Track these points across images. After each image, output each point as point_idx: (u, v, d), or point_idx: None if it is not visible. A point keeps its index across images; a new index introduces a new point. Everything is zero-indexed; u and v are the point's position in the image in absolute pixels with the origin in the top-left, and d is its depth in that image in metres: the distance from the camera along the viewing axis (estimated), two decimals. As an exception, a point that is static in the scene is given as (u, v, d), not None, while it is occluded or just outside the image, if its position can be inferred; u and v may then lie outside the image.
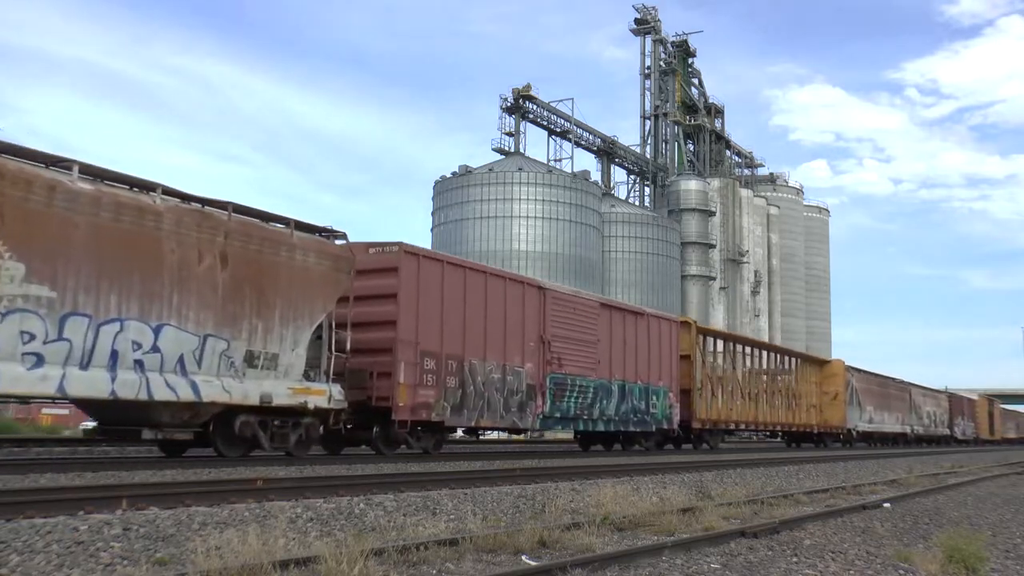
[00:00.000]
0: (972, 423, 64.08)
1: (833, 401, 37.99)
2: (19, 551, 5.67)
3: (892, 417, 45.82)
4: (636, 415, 22.42)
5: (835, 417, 37.96)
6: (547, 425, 19.74)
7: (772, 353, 35.05)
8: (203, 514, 7.17)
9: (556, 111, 72.86)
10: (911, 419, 49.04)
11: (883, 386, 45.08)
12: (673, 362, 24.51)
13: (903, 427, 47.67)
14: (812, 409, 36.59)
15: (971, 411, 64.92)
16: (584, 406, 20.45)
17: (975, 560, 6.97)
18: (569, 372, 19.88)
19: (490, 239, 61.68)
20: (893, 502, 12.33)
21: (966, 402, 64.01)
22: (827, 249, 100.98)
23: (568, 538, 7.38)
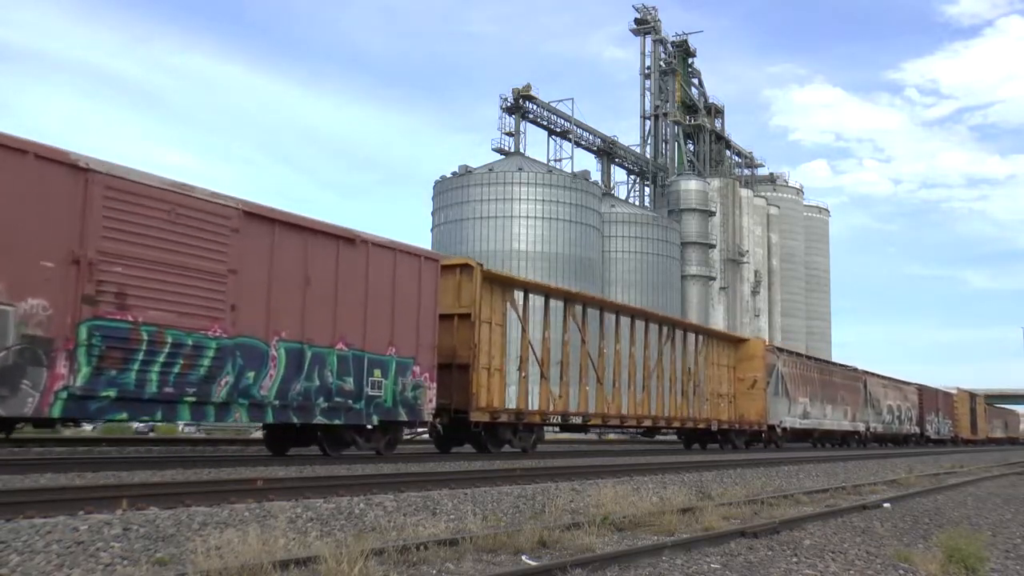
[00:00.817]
0: (949, 420, 57.84)
1: (750, 390, 30.57)
2: (19, 551, 5.67)
3: (838, 412, 38.74)
4: (334, 399, 14.23)
5: (752, 410, 30.51)
6: (84, 410, 10.92)
7: (654, 324, 26.07)
8: (203, 514, 7.17)
9: (556, 111, 72.86)
10: (865, 414, 42.21)
11: (825, 373, 38.40)
12: (424, 321, 16.09)
13: (854, 424, 40.57)
14: (721, 400, 29.42)
15: (948, 407, 58.36)
16: (187, 380, 11.90)
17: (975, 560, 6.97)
18: (147, 320, 11.40)
19: (490, 239, 61.65)
20: (893, 502, 12.33)
21: (941, 396, 57.19)
22: (827, 249, 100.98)
23: (568, 538, 7.38)
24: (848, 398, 40.28)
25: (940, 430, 55.07)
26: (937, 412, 54.88)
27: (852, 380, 41.37)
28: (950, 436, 57.35)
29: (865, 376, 43.13)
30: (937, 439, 54.27)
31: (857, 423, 41.05)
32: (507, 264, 54.33)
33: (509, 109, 70.11)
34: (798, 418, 34.03)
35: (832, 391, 38.48)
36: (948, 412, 57.58)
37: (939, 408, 55.50)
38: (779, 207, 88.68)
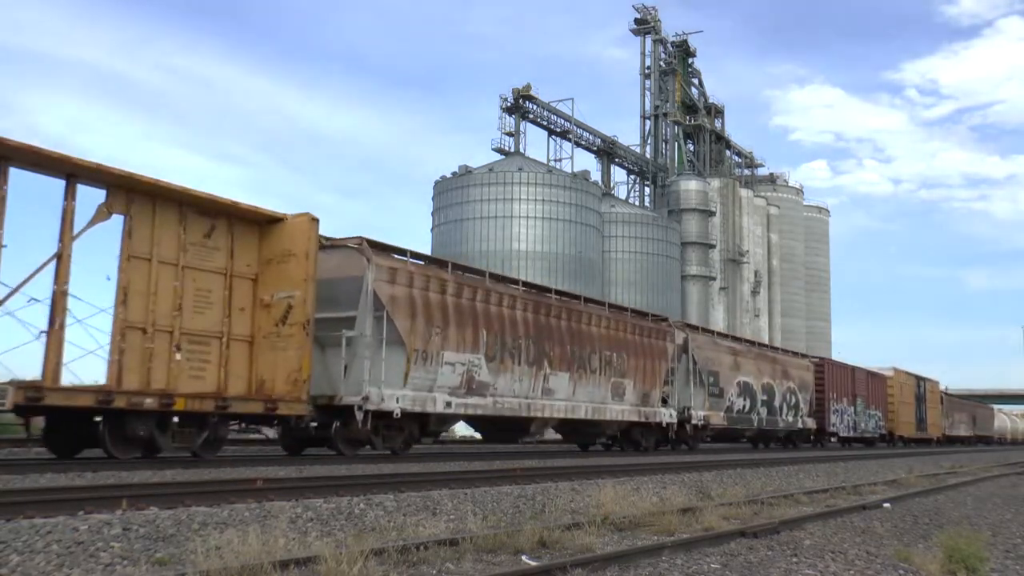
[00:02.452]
0: (879, 411, 43.28)
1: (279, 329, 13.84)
2: (19, 551, 5.67)
3: (589, 387, 20.98)
4: None
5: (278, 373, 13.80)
6: None
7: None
8: (203, 514, 7.17)
9: (556, 111, 72.84)
10: (686, 395, 25.75)
11: (551, 314, 19.93)
12: None
13: (639, 409, 22.92)
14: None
15: (876, 394, 43.08)
16: None
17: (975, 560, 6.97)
18: None
19: (490, 239, 61.63)
20: (893, 502, 12.33)
21: (863, 378, 41.43)
22: (827, 249, 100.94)
23: (568, 538, 7.38)
24: (625, 366, 22.45)
25: (859, 425, 40.08)
26: (852, 400, 39.55)
27: (644, 336, 23.70)
28: (878, 434, 43.06)
29: (685, 332, 26.50)
30: (853, 437, 40.16)
31: (647, 408, 23.32)
32: (507, 264, 54.31)
33: (509, 109, 70.10)
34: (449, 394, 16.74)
35: (581, 350, 20.74)
36: (876, 401, 43.10)
37: (856, 394, 40.05)
38: (779, 207, 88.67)
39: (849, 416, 39.30)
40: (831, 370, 38.38)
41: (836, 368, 39.59)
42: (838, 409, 38.07)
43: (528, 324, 18.93)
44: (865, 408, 41.55)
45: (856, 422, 40.10)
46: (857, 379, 41.05)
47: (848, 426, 39.20)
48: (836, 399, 37.94)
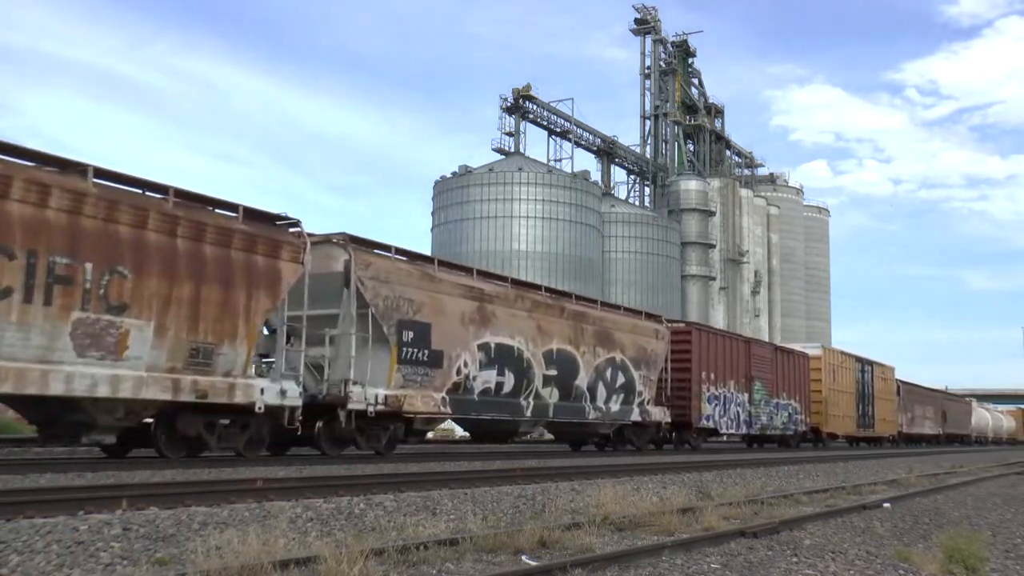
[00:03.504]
0: (797, 402, 32.52)
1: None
2: (19, 551, 5.67)
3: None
4: None
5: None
6: None
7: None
8: (203, 514, 7.17)
9: (556, 111, 72.87)
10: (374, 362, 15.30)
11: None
12: None
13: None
14: None
15: (790, 378, 31.99)
16: None
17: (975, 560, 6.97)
18: None
19: (490, 239, 61.65)
20: (893, 502, 12.33)
21: (761, 355, 30.20)
22: (827, 249, 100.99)
23: (568, 538, 7.38)
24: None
25: (758, 418, 29.24)
26: (745, 384, 28.42)
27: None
28: (794, 430, 32.61)
29: (348, 249, 15.32)
30: (750, 436, 30.71)
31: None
32: (507, 264, 54.34)
33: (509, 109, 70.13)
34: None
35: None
36: (791, 388, 32.08)
37: (752, 377, 28.90)
38: (779, 207, 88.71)
39: (739, 407, 27.97)
40: (705, 341, 26.52)
41: (714, 339, 27.51)
42: (717, 396, 26.60)
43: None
44: (768, 397, 30.11)
45: (753, 415, 28.91)
46: (754, 356, 29.42)
47: (737, 420, 27.90)
48: (715, 382, 26.45)
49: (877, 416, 42.54)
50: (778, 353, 32.59)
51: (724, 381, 27.46)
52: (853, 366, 39.92)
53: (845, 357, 39.54)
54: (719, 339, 28.31)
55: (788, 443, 33.50)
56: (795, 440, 33.87)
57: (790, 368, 32.64)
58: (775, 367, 31.32)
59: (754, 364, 29.56)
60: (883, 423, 43.59)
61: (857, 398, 39.93)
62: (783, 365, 32.14)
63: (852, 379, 39.45)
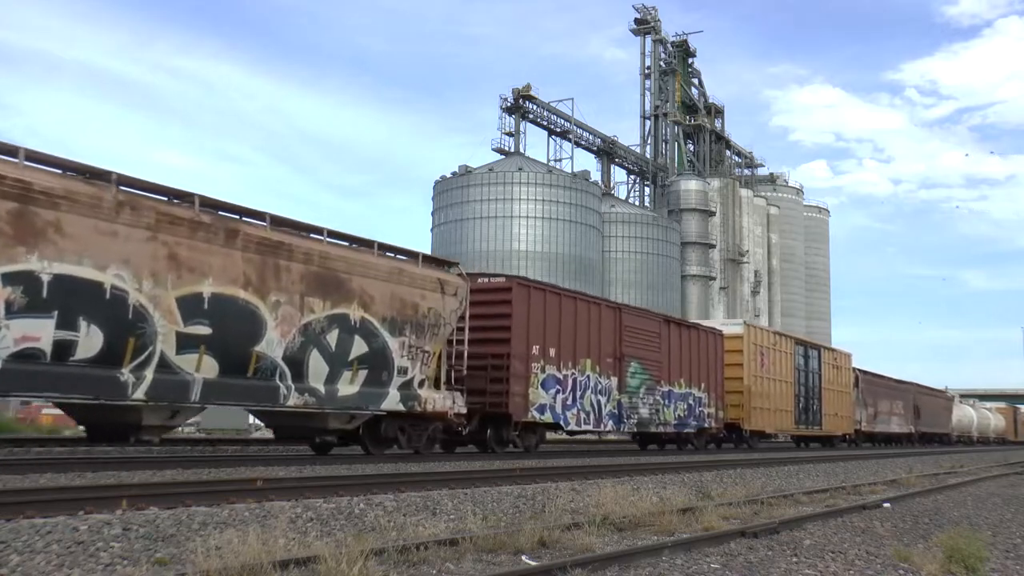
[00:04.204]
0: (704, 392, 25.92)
1: None
2: (19, 551, 5.67)
3: None
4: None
5: None
6: None
7: None
8: (203, 514, 7.17)
9: (556, 111, 72.88)
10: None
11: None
12: None
13: None
14: None
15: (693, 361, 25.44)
16: None
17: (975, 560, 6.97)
18: None
19: (490, 239, 61.68)
20: (893, 502, 12.33)
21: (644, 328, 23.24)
22: (827, 249, 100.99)
23: (568, 538, 7.38)
24: None
25: (634, 411, 22.38)
26: (614, 366, 21.71)
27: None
28: (698, 427, 25.72)
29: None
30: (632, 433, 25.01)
31: None
32: (507, 264, 54.36)
33: (509, 109, 70.14)
34: None
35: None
36: (694, 373, 25.48)
37: (623, 356, 22.08)
38: (779, 207, 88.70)
39: (601, 395, 21.05)
40: (538, 303, 19.15)
41: (555, 300, 19.80)
42: (561, 380, 19.62)
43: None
44: (653, 383, 23.23)
45: (626, 406, 21.84)
46: (629, 329, 22.29)
47: (597, 412, 20.84)
48: (556, 360, 19.45)
49: (826, 411, 35.65)
50: (671, 327, 24.85)
51: (574, 359, 20.15)
52: (790, 349, 32.63)
53: (779, 338, 32.54)
54: (565, 301, 20.20)
55: (690, 443, 26.45)
56: (702, 440, 26.86)
57: (693, 348, 25.58)
58: (666, 345, 24.09)
59: (628, 339, 22.29)
60: (834, 419, 36.73)
61: (796, 388, 32.70)
62: (681, 344, 24.97)
63: (789, 365, 32.09)
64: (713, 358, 26.80)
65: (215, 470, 11.46)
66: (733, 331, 28.73)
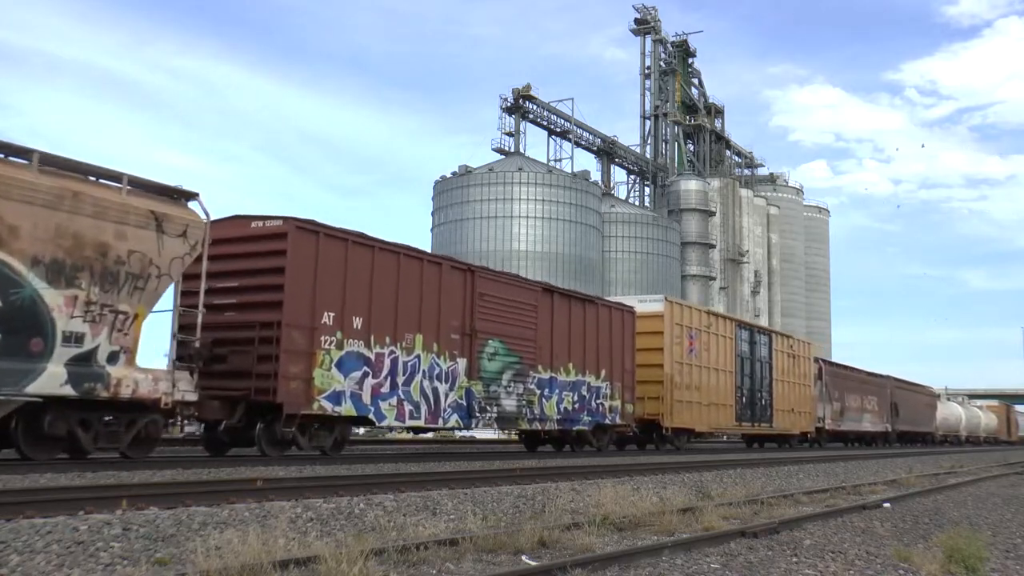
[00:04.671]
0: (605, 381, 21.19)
1: None
2: (19, 551, 5.67)
3: None
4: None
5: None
6: None
7: None
8: (203, 514, 7.17)
9: (556, 111, 72.89)
10: None
11: None
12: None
13: None
14: None
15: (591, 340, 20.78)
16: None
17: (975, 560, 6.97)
18: None
19: (490, 239, 61.69)
20: (893, 502, 12.33)
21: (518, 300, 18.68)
22: (827, 249, 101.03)
23: (568, 538, 7.38)
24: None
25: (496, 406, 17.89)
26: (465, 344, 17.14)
27: None
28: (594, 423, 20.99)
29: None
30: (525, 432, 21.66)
31: None
32: (507, 264, 54.37)
33: (509, 109, 70.15)
34: None
35: None
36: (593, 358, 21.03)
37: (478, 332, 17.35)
38: (779, 207, 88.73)
39: (439, 381, 16.55)
40: (329, 253, 14.69)
41: (359, 253, 15.23)
42: (370, 359, 15.20)
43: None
44: (522, 368, 18.50)
45: (479, 396, 17.31)
46: (486, 297, 17.69)
47: (433, 403, 16.35)
48: (361, 334, 15.09)
49: (778, 406, 31.11)
50: (556, 300, 19.82)
51: (396, 334, 15.49)
52: (730, 333, 28.10)
53: (715, 319, 27.69)
54: (382, 257, 15.45)
55: (587, 442, 21.39)
56: (604, 439, 22.01)
57: (590, 327, 20.78)
58: (547, 322, 19.26)
59: (486, 311, 17.46)
60: (789, 416, 32.22)
61: (739, 379, 28.36)
62: (571, 321, 20.15)
63: (728, 352, 27.74)
64: (620, 340, 22.08)
65: (215, 470, 11.46)
66: (650, 308, 24.25)
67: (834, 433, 38.44)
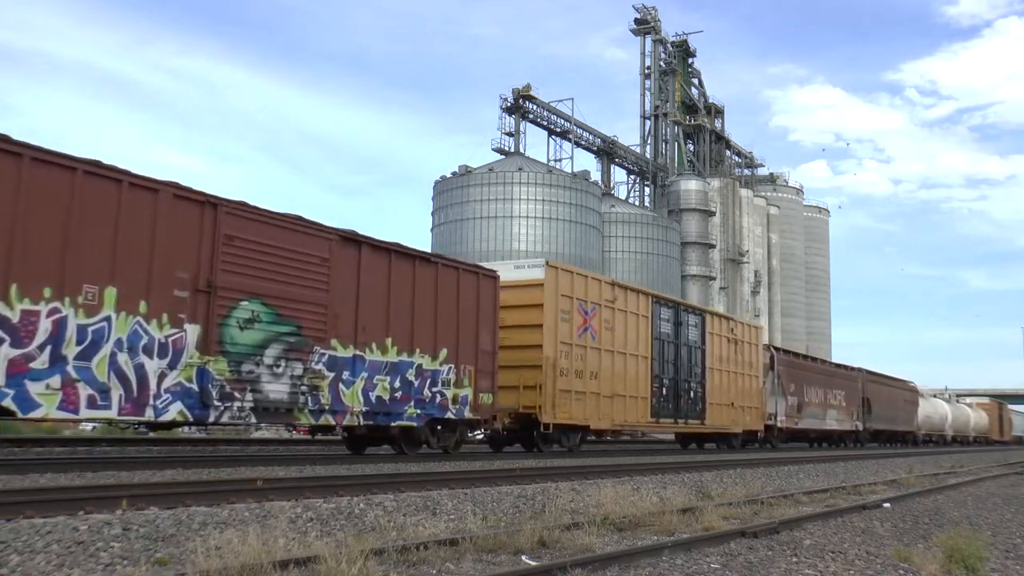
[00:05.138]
0: (436, 360, 15.99)
1: None
2: (19, 551, 5.67)
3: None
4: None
5: None
6: None
7: None
8: (203, 514, 7.17)
9: (556, 111, 72.88)
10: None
11: None
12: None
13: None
14: None
15: (407, 305, 15.51)
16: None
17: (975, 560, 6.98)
18: None
19: (490, 239, 61.66)
20: (893, 502, 12.33)
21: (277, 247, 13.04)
22: (827, 249, 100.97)
23: (568, 538, 7.38)
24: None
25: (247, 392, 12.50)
26: (207, 304, 12.00)
27: None
28: (425, 416, 15.88)
29: None
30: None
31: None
32: (507, 264, 54.29)
33: (509, 109, 70.14)
34: None
35: None
36: (432, 331, 16.13)
37: (219, 289, 12.12)
38: (779, 207, 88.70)
39: (136, 355, 11.10)
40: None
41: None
42: (8, 323, 9.78)
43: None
44: (305, 342, 13.68)
45: (211, 377, 12.00)
46: (233, 241, 12.57)
47: (136, 385, 11.05)
48: (12, 286, 9.83)
49: (712, 399, 26.27)
50: (366, 254, 15.08)
51: (64, 283, 10.62)
52: (643, 309, 23.06)
53: (621, 291, 22.30)
54: (32, 169, 10.28)
55: (419, 441, 16.66)
56: (449, 439, 17.28)
57: (425, 294, 16.13)
58: (349, 281, 14.61)
59: (239, 260, 12.74)
60: (728, 411, 27.30)
61: (659, 367, 23.56)
62: (392, 284, 15.45)
63: (642, 332, 22.87)
64: (473, 313, 17.29)
65: (215, 470, 11.46)
66: (525, 275, 19.47)
67: (791, 432, 33.63)
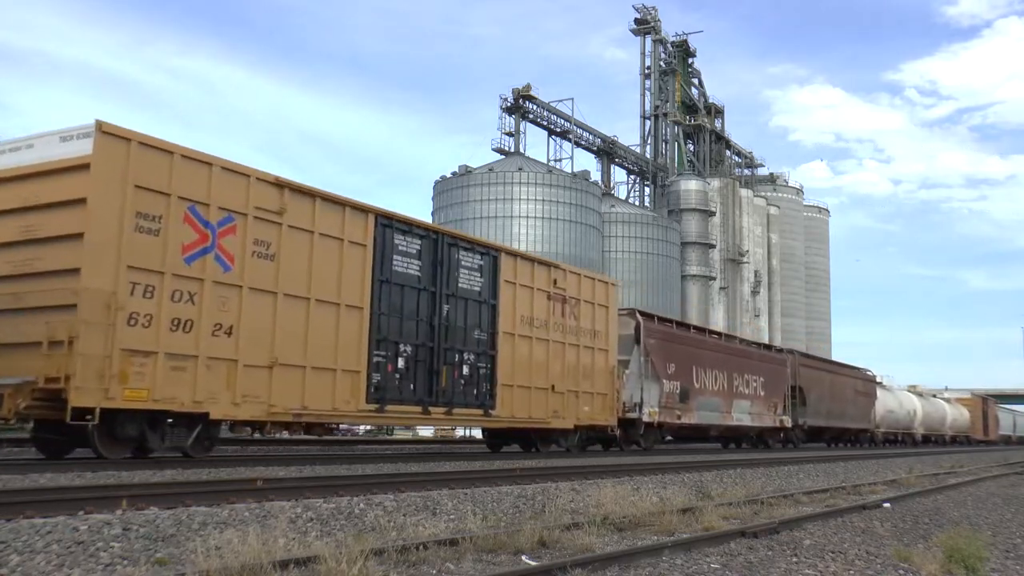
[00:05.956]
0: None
1: None
2: (19, 551, 5.67)
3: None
4: None
5: None
6: None
7: None
8: (203, 514, 7.17)
9: (556, 111, 72.85)
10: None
11: None
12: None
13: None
14: None
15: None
16: None
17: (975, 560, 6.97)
18: None
19: (490, 239, 61.59)
20: (893, 502, 12.33)
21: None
22: (827, 249, 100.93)
23: (568, 538, 7.38)
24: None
25: None
26: None
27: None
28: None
29: None
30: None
31: None
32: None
33: (509, 109, 70.11)
34: None
35: None
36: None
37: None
38: (779, 207, 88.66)
39: None
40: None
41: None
42: None
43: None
44: None
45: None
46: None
47: None
48: None
49: (508, 380, 17.88)
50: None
51: None
52: (356, 234, 15.10)
53: (296, 198, 13.83)
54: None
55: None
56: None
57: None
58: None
59: None
60: (542, 398, 19.03)
61: (383, 324, 15.10)
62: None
63: (352, 269, 14.67)
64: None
65: (215, 470, 11.45)
66: (59, 152, 11.44)
67: (674, 428, 25.66)
